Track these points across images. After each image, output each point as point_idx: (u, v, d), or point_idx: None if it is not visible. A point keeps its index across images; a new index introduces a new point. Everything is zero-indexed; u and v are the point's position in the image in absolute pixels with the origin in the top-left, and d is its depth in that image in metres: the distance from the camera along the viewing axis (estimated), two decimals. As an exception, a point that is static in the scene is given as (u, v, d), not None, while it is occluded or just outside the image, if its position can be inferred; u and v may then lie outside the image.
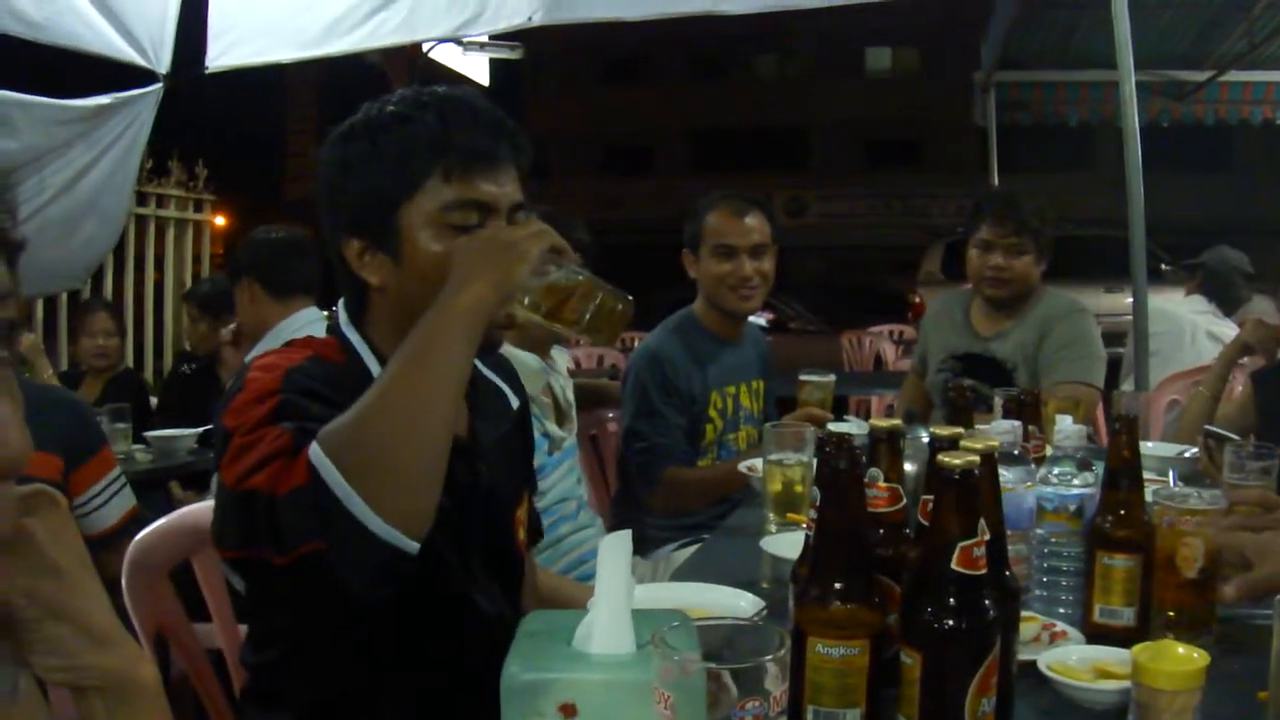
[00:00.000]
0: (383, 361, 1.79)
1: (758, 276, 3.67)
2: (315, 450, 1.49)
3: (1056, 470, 1.96)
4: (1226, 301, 5.67)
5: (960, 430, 1.53)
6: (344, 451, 1.48)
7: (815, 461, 1.63)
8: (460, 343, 1.59)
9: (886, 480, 1.54)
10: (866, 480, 1.49)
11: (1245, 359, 3.84)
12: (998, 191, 4.12)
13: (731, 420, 3.76)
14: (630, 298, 1.72)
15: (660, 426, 3.59)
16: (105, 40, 5.58)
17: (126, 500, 3.07)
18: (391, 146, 1.78)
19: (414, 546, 1.49)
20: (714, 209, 3.71)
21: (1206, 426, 3.20)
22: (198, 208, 9.48)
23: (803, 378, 3.43)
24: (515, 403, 2.21)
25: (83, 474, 2.95)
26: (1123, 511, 1.80)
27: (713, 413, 3.70)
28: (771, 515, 2.52)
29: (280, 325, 3.86)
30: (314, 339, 1.90)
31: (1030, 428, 2.51)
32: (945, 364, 4.14)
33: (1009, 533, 1.59)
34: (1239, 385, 4.08)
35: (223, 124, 19.42)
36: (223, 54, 6.16)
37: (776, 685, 1.08)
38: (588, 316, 1.69)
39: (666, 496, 3.59)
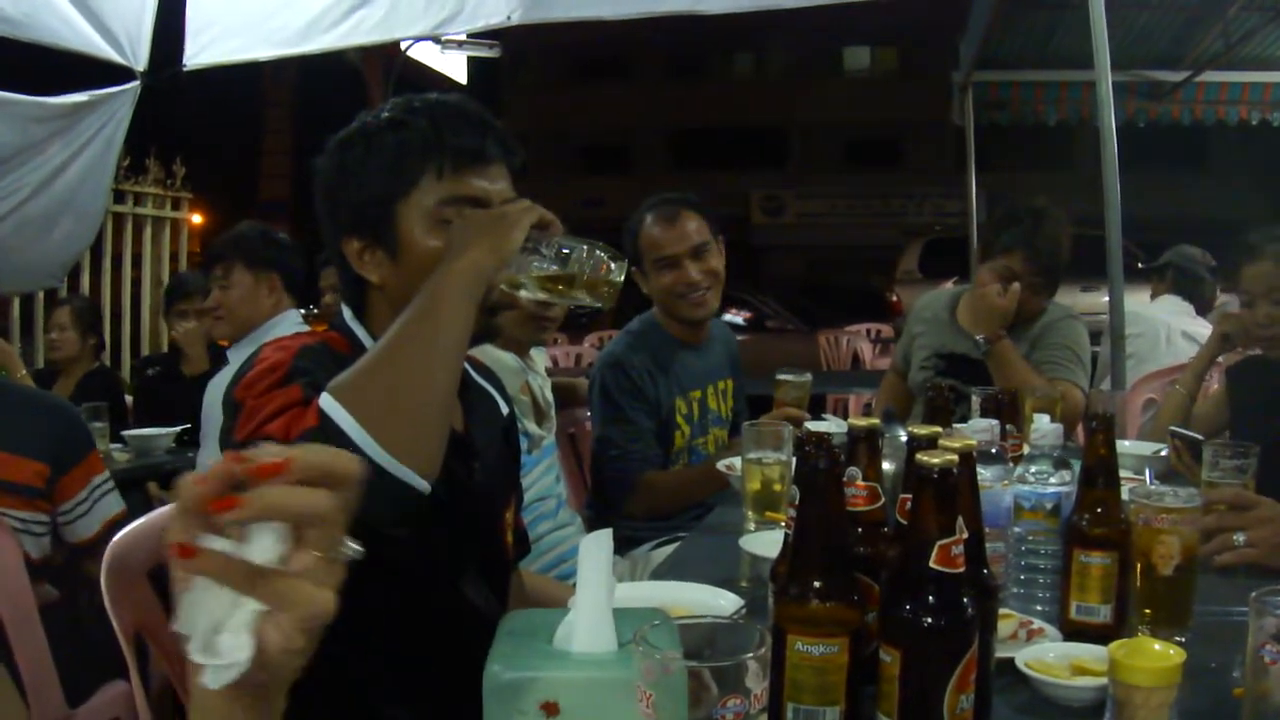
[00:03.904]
0: None
1: (706, 277, 3.62)
2: (326, 398, 1.56)
3: (1033, 469, 1.97)
4: (1198, 299, 5.71)
5: (938, 429, 1.54)
6: (354, 397, 1.55)
7: (794, 460, 1.64)
8: (461, 300, 1.68)
9: (865, 479, 1.55)
10: (845, 479, 1.50)
11: (1221, 356, 3.85)
12: (1036, 214, 3.91)
13: (699, 425, 3.75)
14: (624, 257, 1.81)
15: (631, 432, 3.58)
16: (83, 37, 5.56)
17: (111, 505, 3.06)
18: (387, 150, 1.87)
19: (425, 485, 1.57)
20: (644, 222, 3.67)
21: (1172, 428, 3.21)
22: (175, 206, 9.43)
23: (780, 377, 3.43)
24: (504, 409, 2.28)
25: (69, 480, 2.94)
26: (1099, 510, 1.81)
27: (679, 419, 3.68)
28: (750, 514, 2.53)
29: (271, 322, 3.95)
30: (318, 332, 1.98)
31: (1008, 426, 2.52)
32: (929, 361, 4.12)
33: (986, 531, 1.60)
34: (1215, 384, 4.10)
35: (200, 122, 19.34)
36: (200, 52, 6.15)
37: (757, 683, 1.08)
38: (585, 279, 1.77)
39: (644, 501, 3.57)
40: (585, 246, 1.77)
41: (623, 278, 1.81)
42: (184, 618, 0.88)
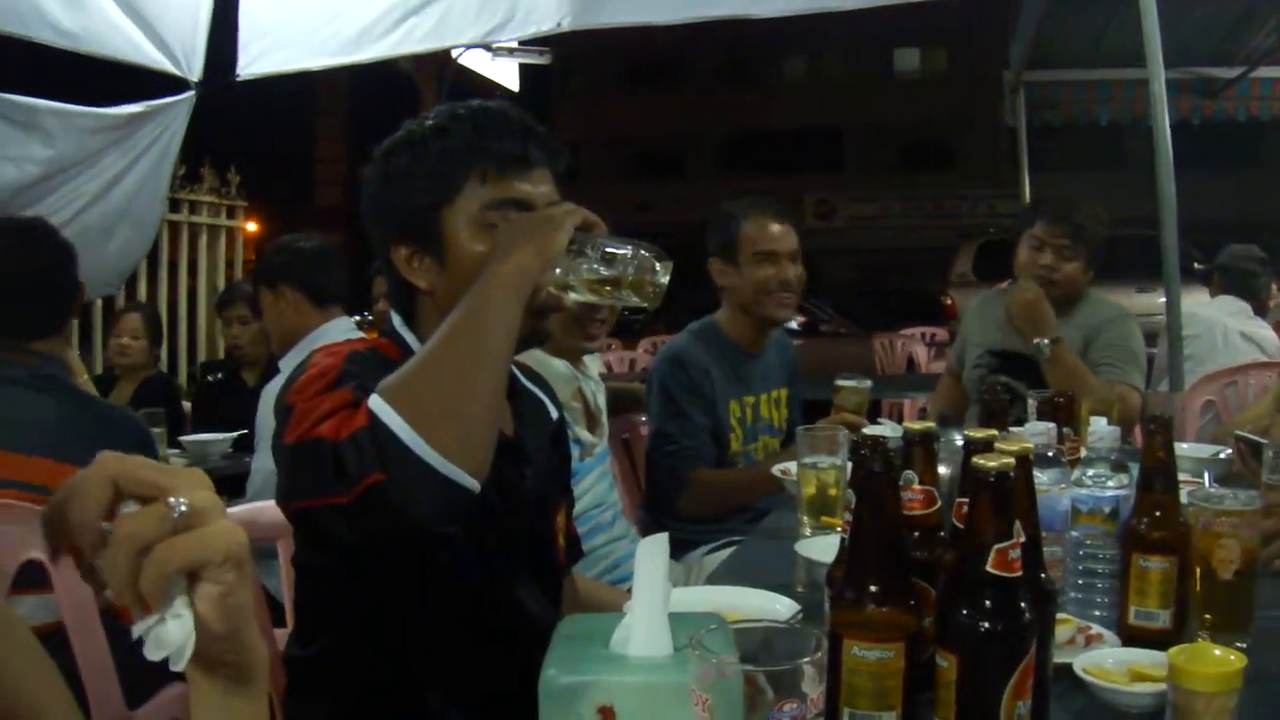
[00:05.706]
0: None
1: (797, 281, 3.68)
2: (375, 399, 1.57)
3: (1091, 472, 1.95)
4: (1250, 293, 5.65)
5: (994, 432, 1.53)
6: (404, 398, 1.56)
7: (850, 464, 1.63)
8: (508, 302, 1.69)
9: (921, 483, 1.54)
10: (901, 483, 1.49)
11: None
12: (1058, 194, 4.14)
13: (750, 430, 3.76)
14: (669, 258, 1.81)
15: (688, 428, 3.59)
16: (138, 49, 5.62)
17: None
18: (431, 156, 1.90)
19: (474, 484, 1.58)
20: (749, 216, 3.71)
21: (1237, 432, 3.16)
22: (230, 214, 9.53)
23: (840, 383, 3.41)
24: (554, 414, 2.31)
25: None
26: (1158, 513, 1.79)
27: (733, 422, 3.70)
28: (806, 519, 2.52)
29: (316, 332, 3.89)
30: (368, 339, 2.02)
31: (1065, 429, 2.50)
32: (982, 359, 4.12)
33: (1044, 535, 1.58)
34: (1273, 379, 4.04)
35: (254, 131, 19.51)
36: (253, 62, 6.19)
37: (813, 687, 1.08)
38: (631, 279, 1.78)
39: (696, 498, 3.58)
40: (630, 247, 1.78)
41: (668, 278, 1.81)
42: (137, 628, 0.90)
